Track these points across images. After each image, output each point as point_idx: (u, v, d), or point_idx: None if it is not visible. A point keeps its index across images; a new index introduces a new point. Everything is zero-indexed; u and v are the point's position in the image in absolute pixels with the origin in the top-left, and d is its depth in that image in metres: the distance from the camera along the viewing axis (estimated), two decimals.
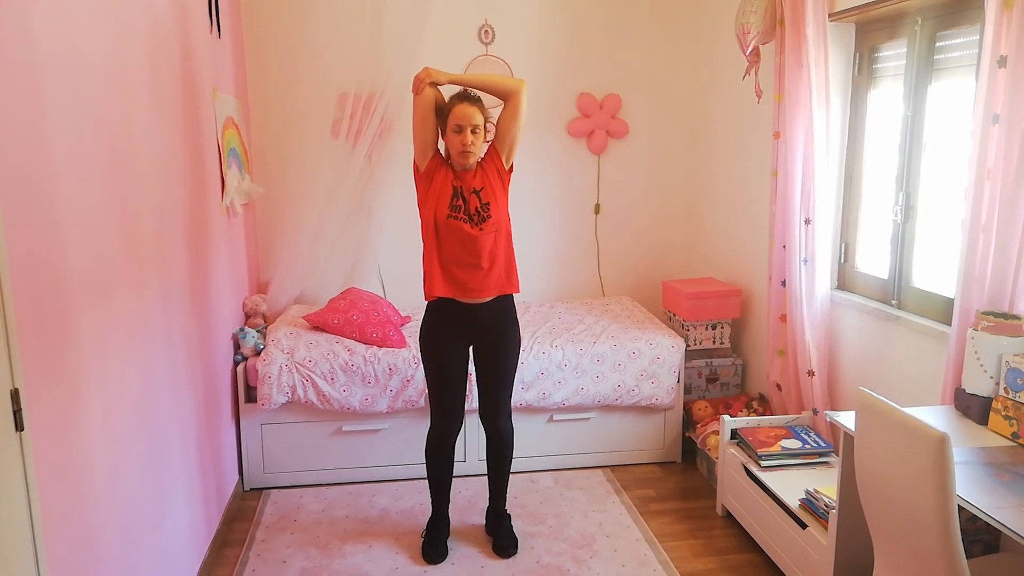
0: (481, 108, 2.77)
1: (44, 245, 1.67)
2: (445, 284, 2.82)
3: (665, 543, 3.11)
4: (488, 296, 2.85)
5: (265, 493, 3.51)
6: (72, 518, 1.76)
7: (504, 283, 2.88)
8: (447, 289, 2.82)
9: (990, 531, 2.37)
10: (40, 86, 1.67)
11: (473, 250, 2.79)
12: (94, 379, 1.91)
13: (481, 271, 2.81)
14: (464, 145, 2.73)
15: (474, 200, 2.80)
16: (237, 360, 3.50)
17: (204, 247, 3.00)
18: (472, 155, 2.77)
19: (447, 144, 2.81)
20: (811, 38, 3.05)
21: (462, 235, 2.77)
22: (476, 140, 2.75)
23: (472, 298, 2.84)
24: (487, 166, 2.86)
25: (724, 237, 4.32)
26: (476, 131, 2.75)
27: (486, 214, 2.79)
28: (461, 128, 2.73)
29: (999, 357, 2.27)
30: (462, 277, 2.81)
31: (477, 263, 2.80)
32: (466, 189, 2.81)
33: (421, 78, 2.72)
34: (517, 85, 2.78)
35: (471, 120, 2.73)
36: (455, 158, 2.80)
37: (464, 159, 2.77)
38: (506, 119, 2.81)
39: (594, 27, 4.39)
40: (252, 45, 4.05)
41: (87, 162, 1.91)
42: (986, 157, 2.31)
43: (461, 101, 2.76)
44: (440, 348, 2.90)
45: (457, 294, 2.83)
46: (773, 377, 3.53)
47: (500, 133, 2.84)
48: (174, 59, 2.68)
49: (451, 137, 2.76)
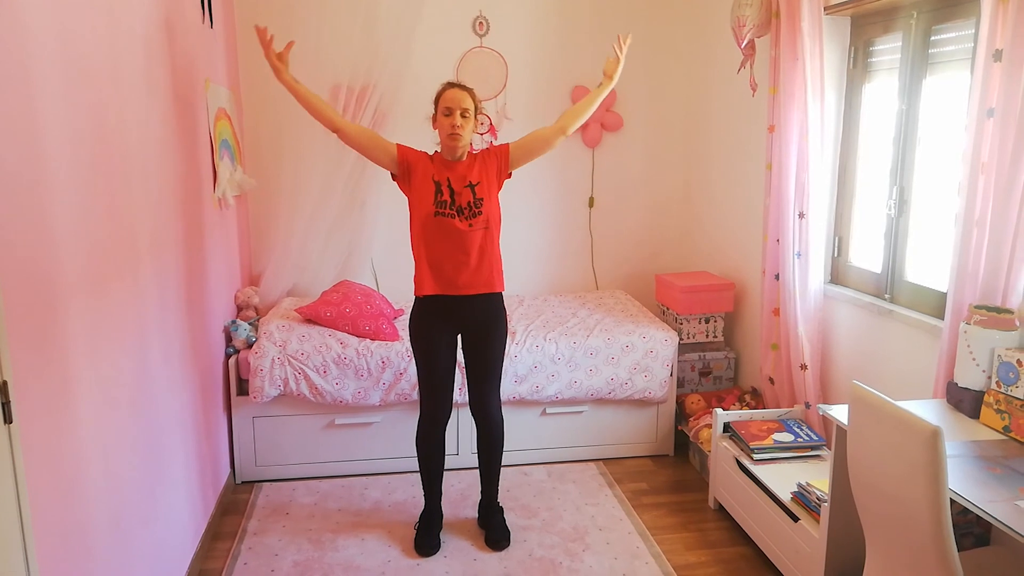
0: (472, 95, 2.77)
1: (34, 236, 1.65)
2: (434, 282, 2.82)
3: (657, 536, 3.12)
4: (476, 291, 2.85)
5: (257, 486, 3.50)
6: (62, 511, 1.75)
7: (493, 280, 2.87)
8: (436, 286, 2.82)
9: (981, 524, 2.38)
10: (31, 77, 1.65)
11: (462, 246, 2.78)
12: (85, 372, 1.90)
13: (469, 268, 2.80)
14: (453, 127, 2.73)
15: (467, 194, 2.79)
16: (229, 353, 3.48)
17: (196, 239, 2.98)
18: (460, 139, 2.76)
19: (437, 127, 2.81)
20: (806, 31, 3.05)
21: (451, 230, 2.76)
22: (465, 124, 2.75)
23: (461, 293, 2.83)
24: (489, 162, 2.85)
25: (718, 231, 4.32)
26: (466, 115, 2.74)
27: (478, 209, 2.78)
28: (450, 111, 2.73)
29: (991, 351, 2.27)
30: (451, 273, 2.80)
31: (466, 260, 2.79)
32: (456, 181, 2.80)
33: None
34: (559, 138, 2.91)
35: (460, 103, 2.73)
36: (444, 141, 2.79)
37: (453, 141, 2.76)
38: (540, 148, 2.92)
39: (589, 19, 4.37)
40: (245, 36, 4.02)
41: (77, 153, 1.89)
42: (980, 151, 2.31)
43: (451, 87, 2.77)
44: (429, 336, 2.89)
45: (446, 290, 2.82)
46: (766, 371, 3.54)
47: (527, 151, 2.91)
48: (166, 49, 2.65)
49: (440, 120, 2.77)
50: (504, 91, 4.35)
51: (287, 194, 3.97)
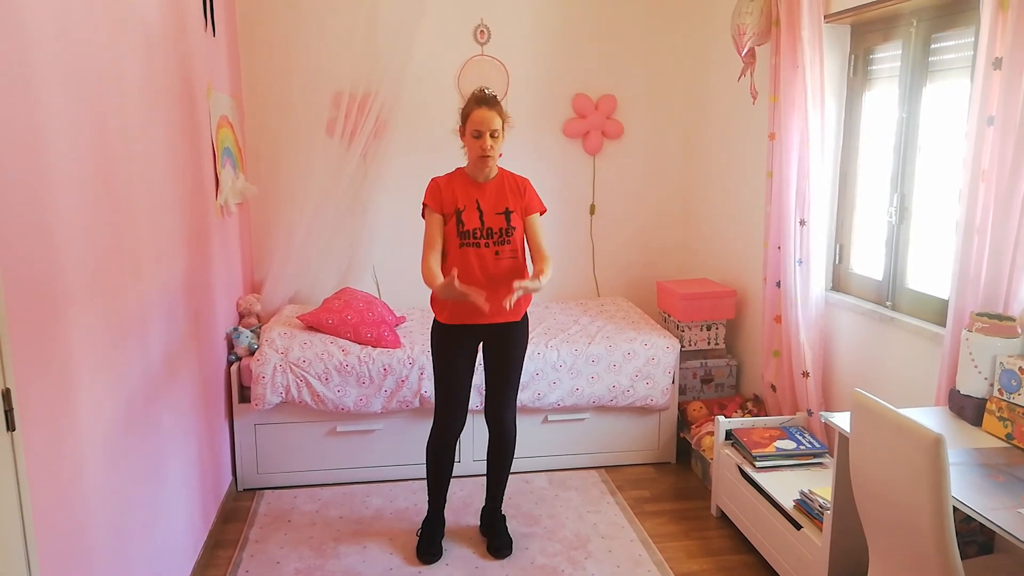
0: (499, 110, 2.77)
1: (36, 244, 1.65)
2: (462, 313, 2.79)
3: (660, 544, 3.11)
4: (501, 320, 2.81)
5: (259, 494, 3.50)
6: (64, 518, 1.75)
7: (520, 309, 2.86)
8: (462, 317, 2.81)
9: (984, 532, 2.37)
10: (34, 84, 1.66)
11: (489, 274, 2.77)
12: (87, 379, 1.90)
13: (497, 299, 2.69)
14: (483, 150, 2.74)
15: (500, 220, 2.79)
16: (231, 360, 3.48)
17: (198, 246, 2.99)
18: (491, 159, 2.77)
19: (467, 148, 2.81)
20: (806, 39, 3.05)
21: (476, 259, 2.77)
22: (495, 144, 2.76)
23: (484, 322, 2.81)
24: (517, 197, 2.83)
25: (719, 238, 4.32)
26: (495, 135, 2.75)
27: (508, 237, 2.78)
28: (480, 133, 2.73)
29: (993, 358, 2.27)
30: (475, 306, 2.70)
31: (494, 290, 2.73)
32: (487, 203, 2.79)
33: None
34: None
35: (490, 124, 2.73)
36: (473, 161, 2.80)
37: (483, 163, 2.78)
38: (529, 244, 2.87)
39: (590, 28, 4.39)
40: (247, 43, 4.04)
41: (80, 161, 1.90)
42: (981, 159, 2.31)
43: (479, 105, 2.74)
44: (450, 353, 2.89)
45: (470, 319, 2.81)
46: (768, 378, 3.54)
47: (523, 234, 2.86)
48: (168, 57, 2.67)
49: (470, 142, 2.77)
50: (505, 99, 4.35)
51: (289, 201, 3.97)
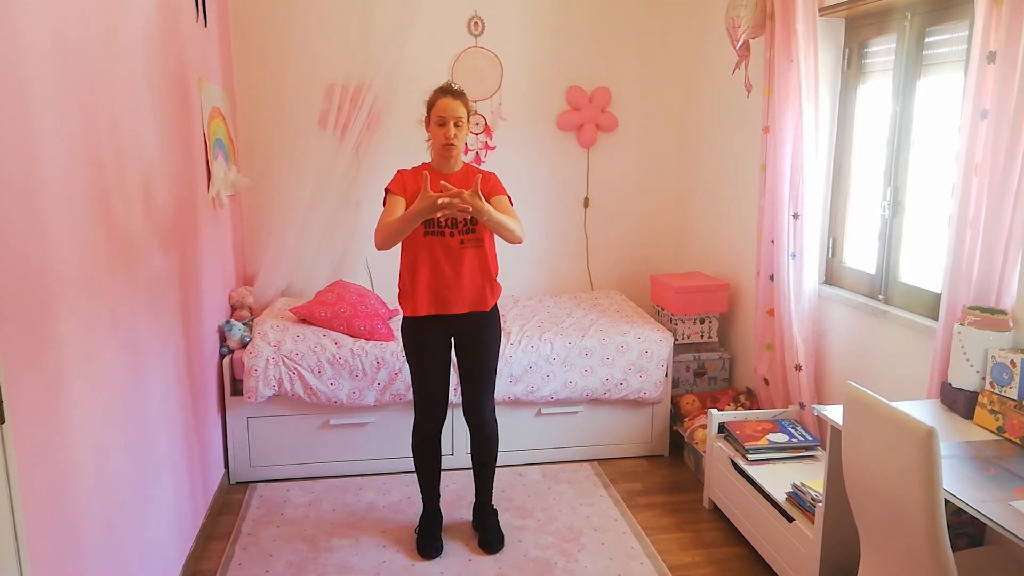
0: (464, 101, 2.75)
1: (26, 235, 1.64)
2: (424, 302, 2.79)
3: (652, 536, 3.12)
4: (468, 310, 2.83)
5: (251, 487, 3.49)
6: (55, 511, 1.74)
7: (486, 298, 2.85)
8: (427, 307, 2.80)
9: (975, 524, 2.39)
10: (24, 76, 1.64)
11: (453, 264, 2.76)
12: (78, 372, 1.89)
13: (461, 287, 2.78)
14: (447, 138, 2.72)
15: None
16: (223, 353, 3.47)
17: (190, 238, 2.97)
18: (455, 148, 2.75)
19: (431, 137, 2.79)
20: (801, 33, 3.05)
21: (441, 248, 2.75)
22: (459, 133, 2.74)
23: (452, 312, 2.82)
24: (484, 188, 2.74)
25: (712, 231, 4.32)
26: (459, 124, 2.73)
27: (472, 225, 2.76)
28: (444, 121, 2.71)
29: (985, 352, 2.28)
30: (442, 292, 2.78)
31: (457, 279, 2.76)
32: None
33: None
34: (519, 240, 2.70)
35: (454, 113, 2.71)
36: (437, 151, 2.78)
37: (447, 152, 2.76)
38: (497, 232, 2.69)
39: (584, 20, 4.38)
40: (239, 34, 4.01)
41: (71, 152, 1.88)
42: (974, 153, 2.32)
43: (444, 95, 2.73)
44: (421, 349, 2.89)
45: (437, 309, 2.81)
46: (760, 371, 3.55)
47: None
48: (160, 48, 2.64)
49: (435, 131, 2.75)
50: (499, 91, 4.34)
51: (281, 193, 3.95)
